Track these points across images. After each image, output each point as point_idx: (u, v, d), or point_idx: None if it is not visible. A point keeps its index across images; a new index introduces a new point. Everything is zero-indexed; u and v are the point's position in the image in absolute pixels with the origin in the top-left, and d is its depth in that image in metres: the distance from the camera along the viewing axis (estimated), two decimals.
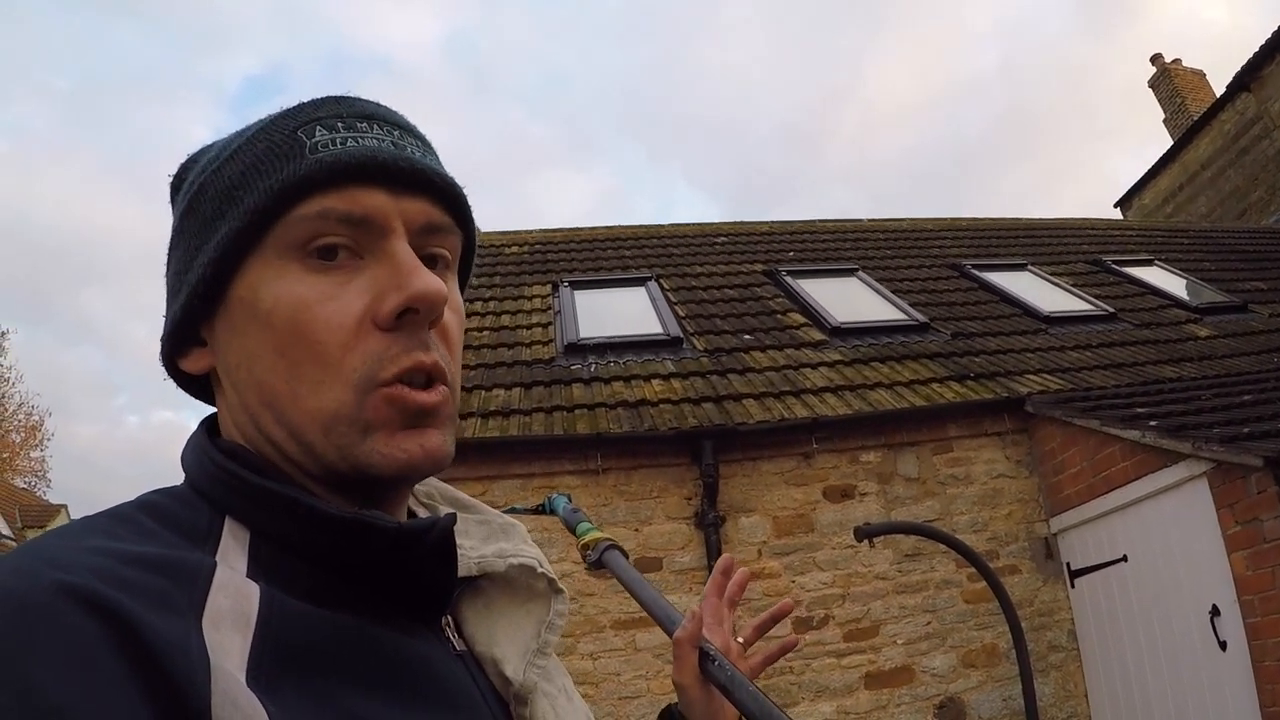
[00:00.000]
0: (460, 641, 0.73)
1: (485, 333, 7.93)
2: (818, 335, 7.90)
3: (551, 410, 6.43)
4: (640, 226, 11.51)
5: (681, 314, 8.34)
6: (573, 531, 1.32)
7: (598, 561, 1.24)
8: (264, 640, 0.55)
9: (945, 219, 12.47)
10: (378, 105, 0.75)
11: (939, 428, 6.68)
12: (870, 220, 12.31)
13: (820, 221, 12.15)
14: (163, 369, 0.77)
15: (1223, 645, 4.98)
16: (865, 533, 5.13)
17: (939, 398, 6.71)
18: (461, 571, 0.73)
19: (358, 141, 0.69)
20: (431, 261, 0.72)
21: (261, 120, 0.74)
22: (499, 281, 9.47)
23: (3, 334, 30.92)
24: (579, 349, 7.46)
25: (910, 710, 5.91)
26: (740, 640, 1.16)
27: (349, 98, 0.74)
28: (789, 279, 9.32)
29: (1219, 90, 13.94)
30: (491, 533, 0.81)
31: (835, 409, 6.49)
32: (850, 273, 9.67)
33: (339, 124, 0.70)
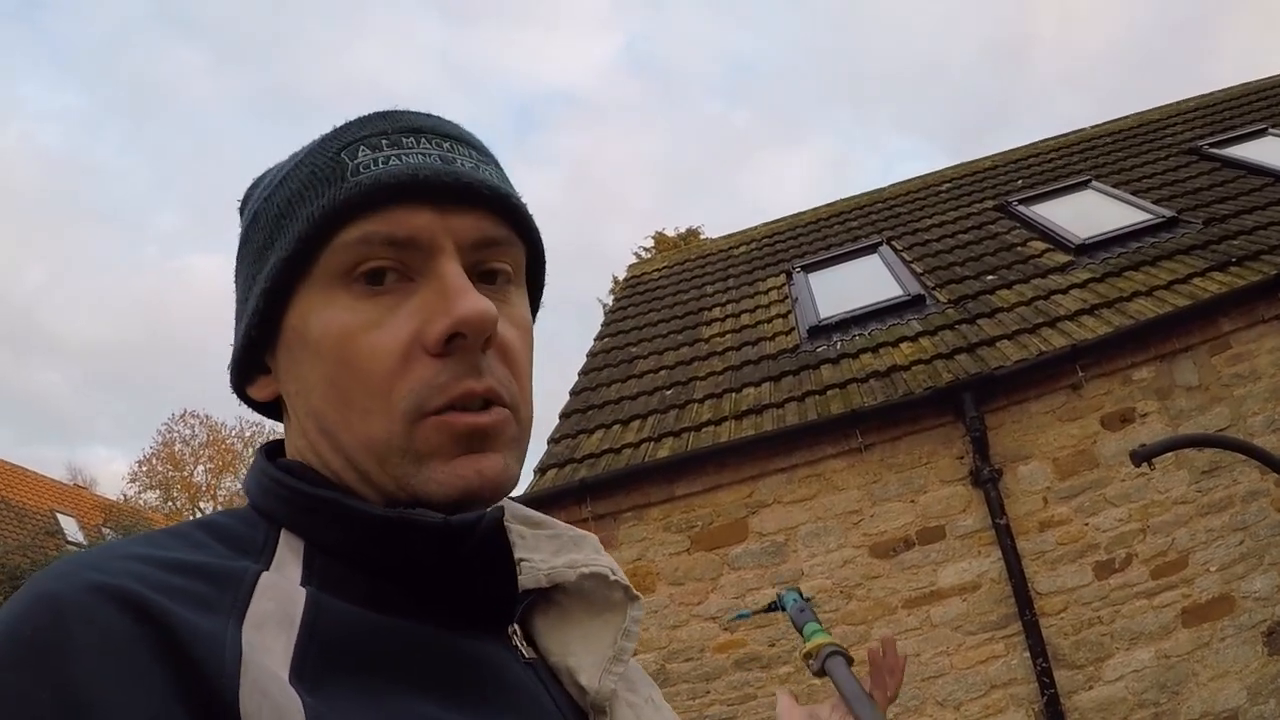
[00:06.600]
0: (530, 651, 0.72)
1: (727, 335, 8.18)
2: (1062, 258, 7.65)
3: (803, 397, 6.44)
4: (862, 194, 11.48)
5: (919, 270, 8.27)
6: (799, 631, 1.34)
7: (820, 670, 1.24)
8: (309, 640, 0.56)
9: (1171, 104, 11.56)
10: (427, 116, 0.75)
11: (1211, 325, 6.25)
12: (1094, 126, 11.64)
13: (1043, 141, 11.63)
14: (234, 394, 0.78)
15: None
16: (1142, 455, 4.91)
17: (1204, 292, 6.29)
18: (531, 584, 0.72)
19: (401, 159, 0.68)
20: (491, 276, 0.72)
21: (311, 142, 0.74)
22: (733, 284, 9.76)
23: None
24: (822, 330, 7.56)
25: (1236, 642, 5.40)
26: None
27: (396, 112, 0.74)
28: (1021, 208, 9.08)
29: None
30: (562, 545, 0.78)
31: (1095, 330, 6.18)
32: (1083, 185, 9.27)
33: (383, 141, 0.69)
